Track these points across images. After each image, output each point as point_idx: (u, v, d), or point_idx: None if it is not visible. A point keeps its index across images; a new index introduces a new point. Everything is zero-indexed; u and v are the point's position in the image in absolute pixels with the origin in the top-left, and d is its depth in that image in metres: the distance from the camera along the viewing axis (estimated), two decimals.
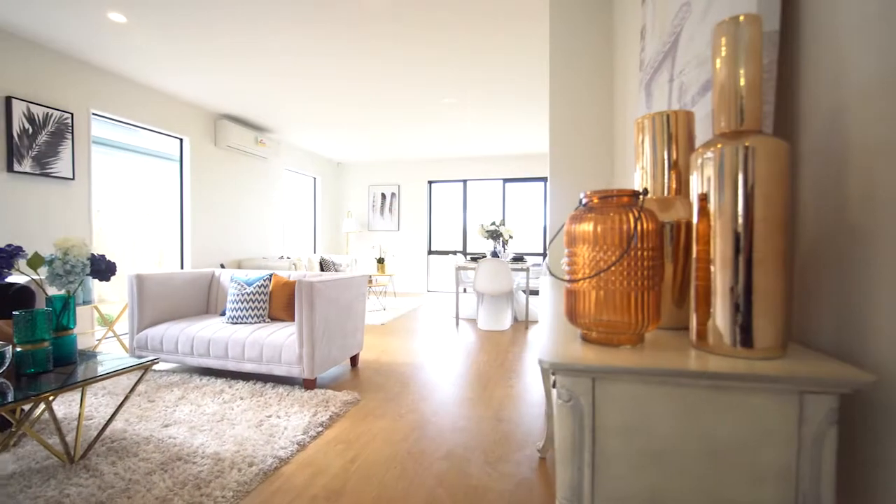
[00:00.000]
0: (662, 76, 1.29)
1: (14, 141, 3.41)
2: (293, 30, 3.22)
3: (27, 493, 1.65)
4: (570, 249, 0.71)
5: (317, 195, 7.92)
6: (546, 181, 7.49)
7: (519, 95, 4.58)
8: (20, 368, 1.76)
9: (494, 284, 4.69)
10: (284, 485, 1.76)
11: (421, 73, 4.01)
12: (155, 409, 2.46)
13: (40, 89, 3.60)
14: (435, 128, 5.89)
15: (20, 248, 1.76)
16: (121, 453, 1.95)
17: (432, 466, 1.91)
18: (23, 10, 3.02)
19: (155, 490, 1.67)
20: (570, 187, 2.52)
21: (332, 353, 2.93)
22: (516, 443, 2.14)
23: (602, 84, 2.47)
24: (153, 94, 4.59)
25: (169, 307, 3.29)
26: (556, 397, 0.64)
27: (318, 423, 2.27)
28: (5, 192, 3.38)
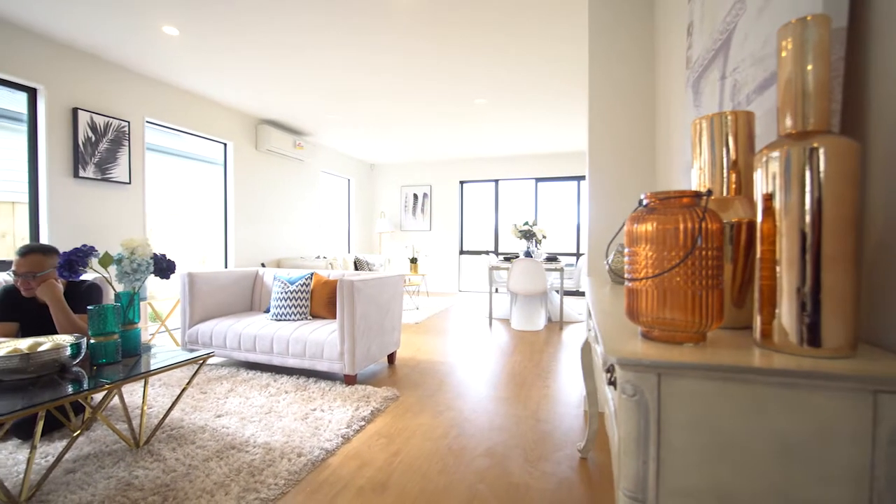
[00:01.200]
0: (713, 74, 1.27)
1: (79, 149, 3.67)
2: (328, 36, 3.32)
3: (101, 472, 1.79)
4: (630, 249, 0.73)
5: (351, 196, 8.10)
6: (580, 180, 7.40)
7: (552, 94, 4.55)
8: (93, 359, 1.91)
9: (528, 284, 4.68)
10: (332, 475, 1.83)
11: (453, 74, 4.05)
12: (207, 400, 2.60)
13: (101, 100, 3.85)
14: (466, 128, 5.92)
15: (93, 248, 1.91)
16: (180, 440, 2.08)
17: (473, 463, 1.94)
18: (88, 28, 3.24)
19: (213, 476, 1.78)
20: (610, 186, 2.50)
21: (372, 351, 3.01)
22: (556, 442, 2.14)
23: (643, 82, 2.44)
24: (200, 102, 4.82)
25: (217, 304, 3.46)
26: (617, 392, 0.66)
27: (360, 418, 2.34)
28: (71, 196, 3.64)
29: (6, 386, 1.67)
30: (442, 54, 3.63)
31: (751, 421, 0.58)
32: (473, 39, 3.34)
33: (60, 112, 3.57)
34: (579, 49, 3.46)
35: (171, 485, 1.71)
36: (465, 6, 2.88)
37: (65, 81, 3.58)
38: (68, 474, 1.78)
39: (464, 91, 4.48)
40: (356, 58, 3.72)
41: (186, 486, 1.70)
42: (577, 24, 3.08)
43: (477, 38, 3.32)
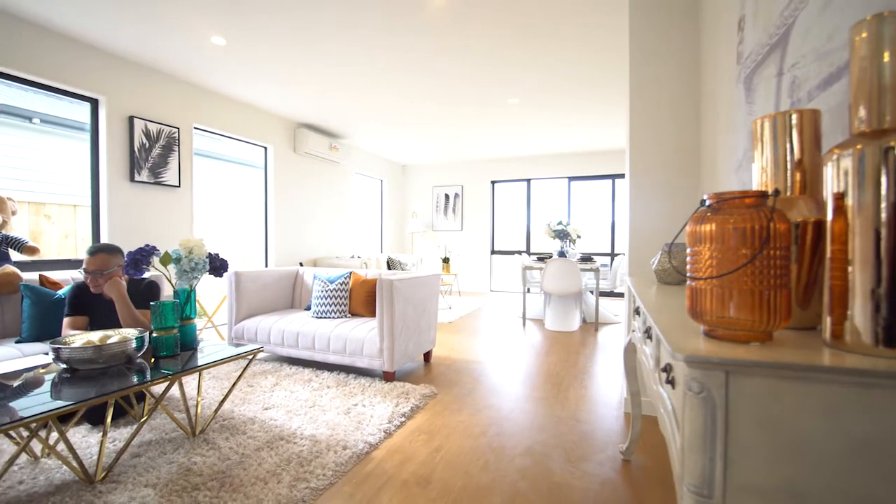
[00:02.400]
0: (768, 70, 1.24)
1: (135, 155, 3.90)
2: (363, 41, 3.40)
3: (163, 458, 1.91)
4: (692, 249, 0.73)
5: (383, 196, 8.23)
6: (615, 179, 7.26)
7: (587, 93, 4.49)
8: (155, 351, 2.04)
9: (563, 284, 4.64)
10: (376, 469, 1.89)
11: (486, 75, 4.06)
12: (254, 393, 2.72)
13: (154, 108, 4.08)
14: (498, 128, 5.91)
15: (155, 247, 2.04)
16: (232, 430, 2.19)
17: (514, 461, 1.96)
18: (145, 42, 3.44)
19: (265, 465, 1.86)
20: (652, 186, 2.45)
21: (409, 349, 3.06)
22: (597, 443, 2.13)
23: (686, 79, 2.38)
24: (242, 108, 5.03)
25: (261, 301, 3.61)
26: (682, 390, 0.67)
27: (400, 414, 2.39)
28: (128, 198, 3.88)
29: (80, 375, 1.81)
30: (475, 55, 3.65)
31: (823, 420, 0.58)
32: (507, 40, 3.35)
33: (118, 120, 3.81)
34: (617, 47, 3.40)
35: (226, 472, 1.81)
36: (499, 8, 2.90)
37: (122, 92, 3.81)
38: (134, 458, 1.91)
39: (497, 91, 4.49)
40: (390, 61, 3.79)
41: (241, 473, 1.80)
42: (616, 21, 3.04)
43: (511, 38, 3.32)
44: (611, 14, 2.96)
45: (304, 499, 1.63)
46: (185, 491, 1.67)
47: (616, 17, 2.98)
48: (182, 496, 1.63)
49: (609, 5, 2.86)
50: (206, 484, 1.71)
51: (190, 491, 1.66)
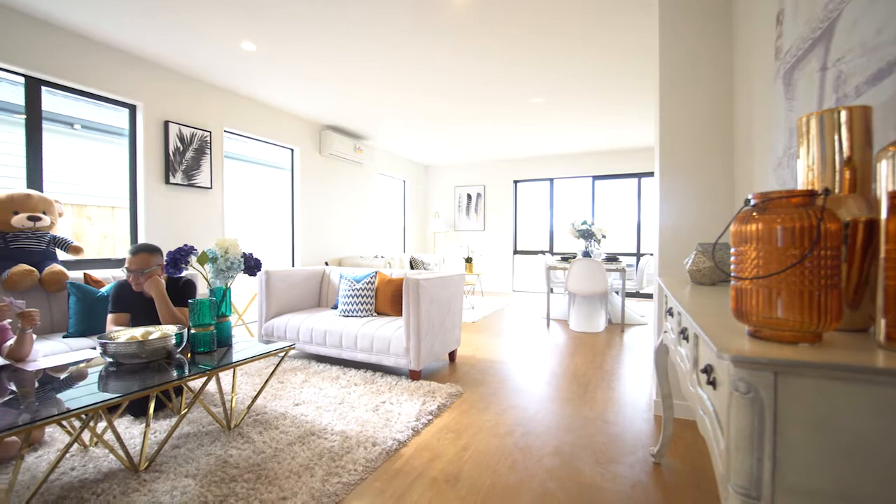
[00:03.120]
0: (810, 65, 1.21)
1: (169, 158, 4.05)
2: (386, 43, 3.43)
3: (202, 450, 1.98)
4: (737, 249, 0.73)
5: (406, 197, 8.30)
6: (640, 177, 7.13)
7: (612, 91, 4.43)
8: (193, 347, 2.12)
9: (588, 285, 4.58)
10: (405, 465, 1.91)
11: (510, 74, 4.05)
12: (285, 389, 2.79)
13: (187, 113, 4.23)
14: (521, 127, 5.88)
15: (193, 247, 2.12)
16: (265, 425, 2.25)
17: (542, 461, 1.95)
18: (181, 49, 3.57)
19: (298, 459, 1.92)
20: (683, 185, 2.41)
21: (435, 348, 3.09)
22: (626, 446, 2.10)
23: (718, 75, 2.33)
24: (270, 111, 5.15)
25: (290, 300, 3.69)
26: (727, 390, 0.66)
27: (427, 412, 2.42)
28: (163, 200, 4.03)
29: (124, 369, 1.90)
30: (499, 55, 3.64)
31: (877, 423, 0.57)
32: (531, 39, 3.33)
33: (154, 125, 3.96)
34: (644, 44, 3.35)
35: (262, 465, 1.86)
36: (523, 7, 2.89)
37: (158, 98, 3.96)
38: (174, 449, 1.99)
39: (520, 91, 4.47)
40: (414, 61, 3.82)
41: (275, 466, 1.85)
42: (643, 18, 2.99)
43: (536, 37, 3.30)
44: (639, 11, 2.91)
45: (337, 493, 1.67)
46: (224, 482, 1.73)
47: (644, 13, 2.93)
48: (221, 487, 1.69)
49: (637, 3, 2.82)
50: (242, 476, 1.77)
51: (228, 482, 1.73)
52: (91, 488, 1.68)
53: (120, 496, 1.63)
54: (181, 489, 1.68)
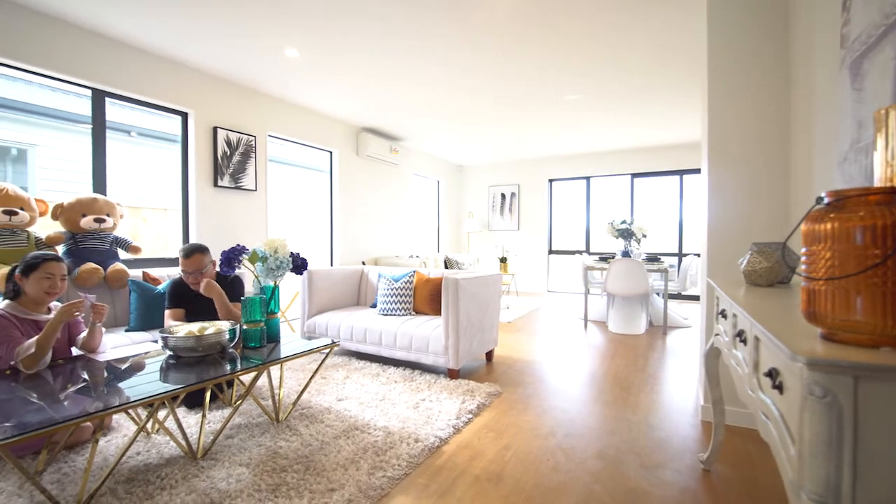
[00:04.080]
0: (883, 53, 1.14)
1: (218, 162, 4.25)
2: (422, 46, 3.46)
3: (253, 441, 2.08)
4: (808, 249, 0.70)
5: (440, 197, 8.35)
6: (682, 175, 6.89)
7: (654, 85, 4.29)
8: (244, 342, 2.22)
9: (628, 285, 4.47)
10: (448, 462, 1.93)
11: (546, 71, 3.99)
12: (328, 385, 2.88)
13: (234, 119, 4.42)
14: (557, 125, 5.80)
15: (245, 247, 2.22)
16: (311, 419, 2.33)
17: (585, 463, 1.93)
18: (229, 58, 3.74)
19: (343, 452, 1.97)
20: (734, 182, 2.31)
21: (473, 347, 3.10)
22: (673, 451, 2.04)
23: (771, 65, 2.22)
24: (311, 115, 5.31)
25: (330, 298, 3.80)
26: (802, 394, 0.64)
27: (467, 411, 2.43)
28: (212, 202, 4.23)
29: (182, 362, 2.01)
30: (535, 53, 3.60)
31: None
32: (569, 36, 3.28)
33: (204, 131, 4.16)
34: (691, 35, 3.23)
35: (310, 457, 1.93)
36: (561, 3, 2.85)
37: (207, 105, 4.16)
38: (227, 439, 2.10)
39: (557, 88, 4.40)
40: (449, 64, 3.84)
41: (323, 459, 1.91)
42: (691, 9, 2.89)
43: (573, 33, 3.25)
44: (681, 5, 2.81)
45: (382, 486, 1.71)
46: (275, 472, 1.80)
47: (691, 2, 2.83)
48: (272, 476, 1.77)
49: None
50: (292, 467, 1.84)
51: (279, 472, 1.80)
52: (155, 472, 1.79)
53: (181, 481, 1.73)
54: (236, 477, 1.76)
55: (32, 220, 2.88)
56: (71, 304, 1.87)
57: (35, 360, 1.79)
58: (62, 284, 2.01)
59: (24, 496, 1.62)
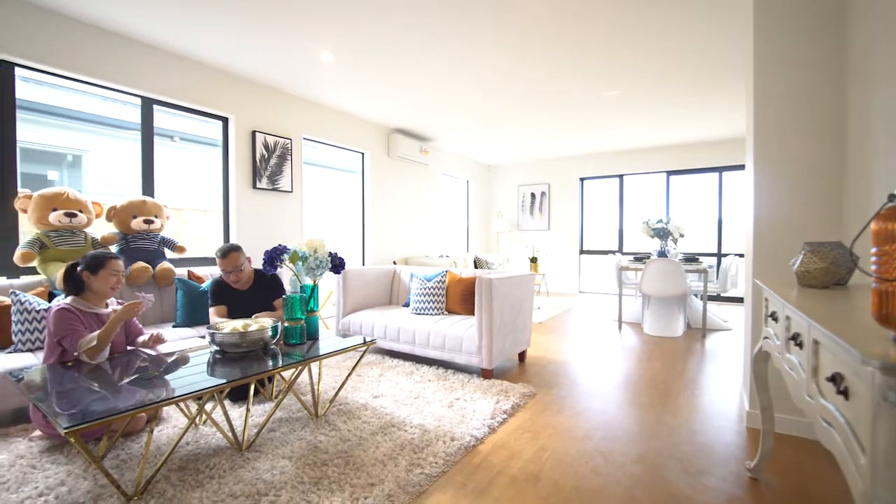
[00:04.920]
0: None
1: (256, 164, 4.39)
2: (456, 45, 3.47)
3: (294, 434, 2.14)
4: (880, 249, 0.67)
5: (469, 197, 8.35)
6: (721, 172, 6.64)
7: (696, 80, 4.15)
8: (286, 339, 2.30)
9: (665, 286, 4.35)
10: (484, 462, 1.94)
11: (582, 67, 3.93)
12: (363, 382, 2.93)
13: (271, 122, 4.56)
14: (590, 122, 5.69)
15: (286, 247, 2.29)
16: (348, 415, 2.38)
17: (625, 467, 1.89)
18: (267, 64, 3.86)
19: (381, 448, 2.01)
20: (783, 179, 2.22)
21: (506, 347, 3.09)
22: (717, 457, 1.98)
23: (826, 54, 2.11)
24: (344, 117, 5.42)
25: (364, 297, 3.87)
26: (873, 400, 0.61)
27: (502, 411, 2.43)
28: (251, 203, 4.38)
29: (227, 357, 2.09)
30: (570, 47, 3.55)
31: None
32: (607, 30, 3.22)
33: (244, 135, 4.32)
34: (735, 28, 3.11)
35: (349, 452, 1.98)
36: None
37: (246, 110, 4.31)
38: (270, 432, 2.17)
39: (592, 84, 4.32)
40: (481, 64, 3.83)
41: (361, 454, 1.96)
42: (737, 1, 2.79)
43: (611, 27, 3.19)
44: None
45: (420, 483, 1.73)
46: (316, 465, 1.85)
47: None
48: (314, 469, 1.82)
49: None
50: (332, 461, 1.89)
51: (320, 466, 1.85)
52: (204, 461, 1.87)
53: (229, 471, 1.81)
54: (280, 469, 1.82)
55: (90, 222, 3.07)
56: (133, 303, 1.99)
57: (96, 352, 1.91)
58: (122, 281, 2.14)
59: (89, 479, 1.73)
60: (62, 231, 2.90)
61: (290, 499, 1.61)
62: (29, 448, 1.97)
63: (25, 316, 2.42)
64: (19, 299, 2.44)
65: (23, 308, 2.43)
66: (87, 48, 3.18)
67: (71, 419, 1.34)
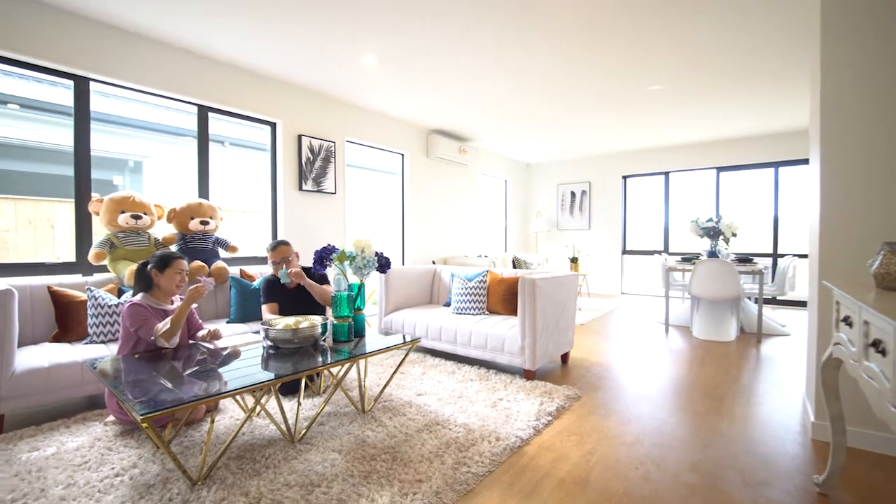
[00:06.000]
0: None
1: (302, 167, 4.55)
2: (497, 45, 3.45)
3: (342, 429, 2.20)
4: None
5: (507, 196, 8.29)
6: (778, 167, 6.28)
7: (749, 71, 3.93)
8: (334, 337, 2.36)
9: (716, 288, 4.15)
10: (530, 463, 1.92)
11: (626, 61, 3.80)
12: (406, 380, 2.97)
13: (315, 126, 4.70)
14: (633, 118, 5.51)
15: (335, 247, 2.36)
16: (393, 412, 2.43)
17: (679, 476, 1.83)
18: (314, 70, 3.99)
19: (427, 445, 2.03)
20: (854, 172, 2.07)
21: (549, 348, 3.05)
22: (780, 470, 1.87)
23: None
24: (384, 119, 5.51)
25: (406, 297, 3.92)
26: None
27: (546, 412, 2.40)
28: (297, 204, 4.54)
29: (280, 352, 2.17)
30: (612, 41, 3.45)
31: None
32: (652, 20, 3.10)
33: (290, 139, 4.48)
34: (799, 10, 2.93)
35: (395, 448, 2.01)
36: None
37: (293, 114, 4.47)
38: (319, 426, 2.24)
39: (636, 78, 4.18)
40: (521, 63, 3.79)
41: (408, 450, 1.99)
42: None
43: (666, 19, 3.07)
44: None
45: (468, 482, 1.74)
46: (365, 460, 1.90)
47: None
48: (363, 463, 1.86)
49: None
50: (380, 456, 1.93)
51: (368, 460, 1.89)
52: (260, 451, 1.96)
53: (283, 462, 1.88)
54: (330, 461, 1.88)
55: (153, 223, 3.27)
56: (197, 286, 2.14)
57: (170, 335, 2.08)
58: (186, 279, 2.28)
59: (157, 463, 1.85)
60: (129, 232, 3.11)
61: (342, 491, 1.66)
62: (104, 431, 2.14)
63: (99, 310, 2.62)
64: (94, 295, 2.65)
65: (97, 303, 2.63)
66: (150, 61, 3.40)
67: (145, 407, 1.44)
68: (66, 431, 2.14)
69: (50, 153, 4.94)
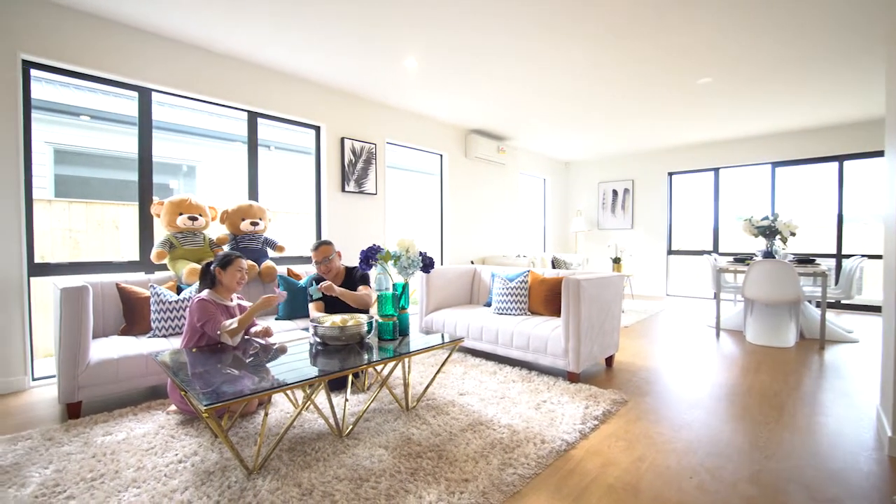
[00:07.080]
0: None
1: (345, 169, 4.66)
2: (537, 44, 3.39)
3: (387, 425, 2.24)
4: None
5: (546, 195, 8.16)
6: (842, 161, 5.86)
7: (809, 54, 3.68)
8: (379, 335, 2.41)
9: (774, 291, 3.91)
10: (577, 467, 1.88)
11: (672, 53, 3.66)
12: (448, 379, 2.99)
13: (357, 129, 4.81)
14: (680, 113, 5.29)
15: (380, 247, 2.40)
16: (437, 410, 2.44)
17: (736, 486, 1.74)
18: (356, 74, 4.08)
19: (472, 445, 2.03)
20: None
21: (594, 351, 2.98)
22: (853, 486, 1.74)
23: None
24: (423, 120, 5.56)
25: (446, 296, 3.94)
26: None
27: (592, 416, 2.34)
28: (340, 205, 4.65)
29: (328, 349, 2.24)
30: (658, 33, 3.32)
31: None
32: (706, 11, 2.97)
33: (333, 142, 4.60)
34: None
35: (441, 446, 2.02)
36: None
37: (336, 118, 4.59)
38: (365, 422, 2.29)
39: (684, 70, 4.00)
40: (560, 58, 3.71)
41: (453, 449, 1.99)
42: None
43: (712, 7, 2.93)
44: None
45: (514, 483, 1.73)
46: (411, 457, 1.92)
47: None
48: (409, 460, 1.89)
49: None
50: (425, 453, 1.95)
51: (414, 457, 1.92)
52: (310, 444, 2.02)
53: (332, 455, 1.93)
54: (377, 457, 1.92)
55: (207, 224, 3.45)
56: (271, 296, 2.26)
57: (234, 334, 2.21)
58: (245, 278, 2.40)
59: (216, 451, 1.95)
60: (186, 233, 3.30)
61: (390, 486, 1.69)
62: (167, 420, 2.27)
63: (161, 306, 2.79)
64: (156, 292, 2.82)
65: (159, 299, 2.80)
66: (205, 72, 3.59)
67: (208, 398, 1.52)
68: (134, 419, 2.30)
69: (115, 160, 5.31)
